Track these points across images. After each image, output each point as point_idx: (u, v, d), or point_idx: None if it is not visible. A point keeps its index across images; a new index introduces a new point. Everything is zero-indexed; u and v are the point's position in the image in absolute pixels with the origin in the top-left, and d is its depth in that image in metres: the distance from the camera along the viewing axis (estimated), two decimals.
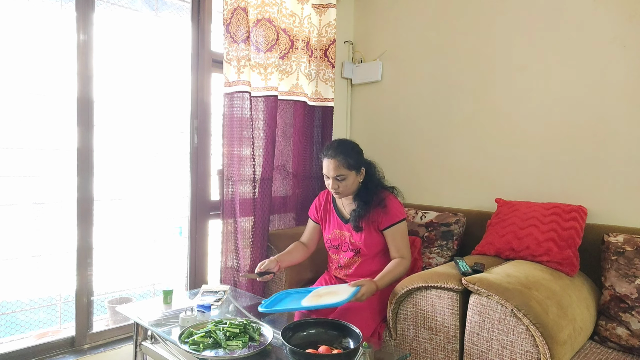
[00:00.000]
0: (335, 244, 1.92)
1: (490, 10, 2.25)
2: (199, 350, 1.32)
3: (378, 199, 1.82)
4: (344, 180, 1.78)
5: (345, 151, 1.78)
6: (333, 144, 1.83)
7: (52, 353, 1.85)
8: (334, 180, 1.78)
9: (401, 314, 1.63)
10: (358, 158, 1.82)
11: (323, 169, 1.82)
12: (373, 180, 1.87)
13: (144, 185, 2.47)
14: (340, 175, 1.77)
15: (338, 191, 1.81)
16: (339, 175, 1.77)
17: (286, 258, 1.89)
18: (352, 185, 1.81)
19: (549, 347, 1.27)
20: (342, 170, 1.76)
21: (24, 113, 2.09)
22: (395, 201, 1.85)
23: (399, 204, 1.86)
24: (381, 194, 1.84)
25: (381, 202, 1.81)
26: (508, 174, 2.19)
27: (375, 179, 1.89)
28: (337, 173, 1.76)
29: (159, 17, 2.34)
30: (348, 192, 1.82)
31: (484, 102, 2.28)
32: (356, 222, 1.83)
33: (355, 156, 1.81)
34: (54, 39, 2.07)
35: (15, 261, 2.10)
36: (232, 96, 2.12)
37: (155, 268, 2.42)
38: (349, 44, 2.89)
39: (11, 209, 2.05)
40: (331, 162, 1.77)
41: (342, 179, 1.77)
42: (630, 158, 1.83)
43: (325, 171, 1.80)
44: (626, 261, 1.62)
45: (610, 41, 1.88)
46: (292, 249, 1.95)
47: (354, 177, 1.80)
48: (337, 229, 1.92)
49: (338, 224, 1.92)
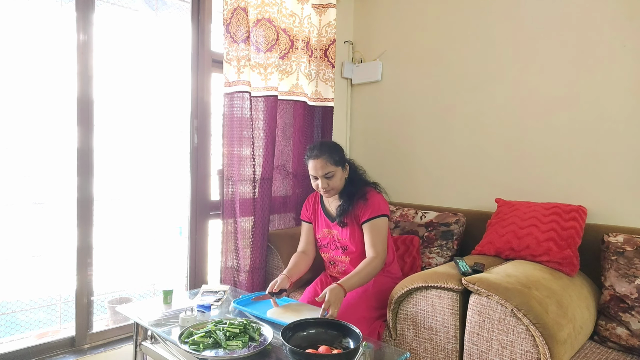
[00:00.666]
0: (324, 243, 1.95)
1: (490, 10, 2.25)
2: (199, 350, 1.32)
3: (361, 193, 1.85)
4: (333, 178, 1.81)
5: (329, 149, 1.82)
6: (316, 145, 1.86)
7: (52, 353, 1.85)
8: (323, 179, 1.81)
9: (401, 314, 1.63)
10: (341, 154, 1.87)
11: (310, 170, 1.84)
12: (356, 175, 1.91)
13: (144, 185, 2.47)
14: (328, 172, 1.80)
15: (327, 189, 1.83)
16: (327, 173, 1.80)
17: (295, 272, 1.88)
18: (340, 181, 1.84)
19: (549, 347, 1.27)
20: (329, 168, 1.79)
21: (24, 113, 2.09)
22: (377, 196, 1.86)
23: (382, 200, 1.87)
24: (364, 189, 1.87)
25: (363, 196, 1.84)
26: (508, 174, 2.19)
27: (358, 175, 1.93)
28: (325, 171, 1.79)
29: (159, 17, 2.34)
30: (337, 189, 1.85)
31: (483, 102, 2.28)
32: (340, 217, 1.86)
33: (339, 152, 1.86)
34: (54, 39, 2.07)
35: (15, 261, 2.10)
36: (232, 96, 2.12)
37: (155, 268, 2.42)
38: (349, 44, 2.89)
39: (11, 209, 2.05)
40: (317, 161, 1.80)
41: (331, 176, 1.80)
42: (630, 158, 1.83)
43: (313, 172, 1.83)
44: (626, 261, 1.62)
45: (610, 41, 1.88)
46: (297, 261, 1.93)
47: (340, 173, 1.84)
48: (325, 228, 1.95)
49: (326, 223, 1.95)
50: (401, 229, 2.28)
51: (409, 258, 2.13)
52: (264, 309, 1.66)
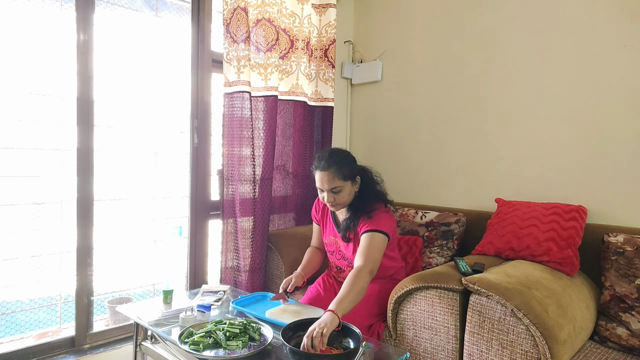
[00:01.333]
0: (331, 250, 1.91)
1: (491, 11, 2.25)
2: (199, 350, 1.32)
3: (369, 209, 1.72)
4: (340, 193, 1.69)
5: (338, 161, 1.68)
6: (324, 155, 1.72)
7: (52, 353, 1.85)
8: (329, 193, 1.69)
9: (401, 314, 1.63)
10: (352, 167, 1.73)
11: (316, 182, 1.72)
12: (368, 188, 1.78)
13: (144, 185, 2.47)
14: (335, 187, 1.67)
15: (334, 204, 1.72)
16: (334, 187, 1.67)
17: (309, 268, 1.85)
18: (348, 196, 1.72)
19: (549, 347, 1.27)
20: (337, 182, 1.67)
21: (24, 113, 2.08)
22: (384, 215, 1.72)
23: (388, 219, 1.72)
24: (374, 206, 1.74)
25: (369, 213, 1.71)
26: (508, 174, 2.19)
27: (371, 187, 1.79)
28: (332, 185, 1.67)
29: (159, 17, 2.33)
30: (345, 203, 1.74)
31: (484, 102, 2.28)
32: (345, 232, 1.76)
33: (349, 165, 1.72)
34: (54, 39, 2.07)
35: (15, 261, 2.10)
36: (232, 96, 2.12)
37: (155, 268, 2.42)
38: (349, 44, 2.89)
39: (11, 209, 2.05)
40: (325, 174, 1.67)
41: (338, 191, 1.68)
42: (630, 158, 1.83)
43: (319, 184, 1.70)
44: (626, 261, 1.61)
45: (610, 41, 1.87)
46: (311, 257, 1.90)
47: (349, 187, 1.71)
48: (332, 236, 1.89)
49: (333, 231, 1.87)
50: (401, 229, 2.28)
51: (411, 259, 2.13)
52: (263, 309, 1.66)
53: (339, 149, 1.83)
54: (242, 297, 1.78)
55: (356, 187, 1.76)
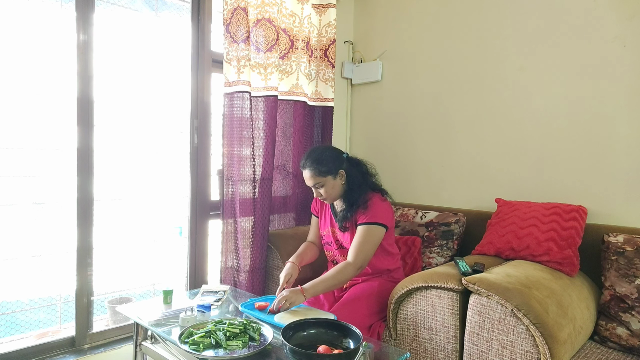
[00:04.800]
0: (327, 241, 1.96)
1: (491, 10, 2.25)
2: (199, 350, 1.32)
3: (364, 200, 1.80)
4: (323, 187, 1.80)
5: (315, 159, 1.79)
6: (305, 154, 1.86)
7: (52, 353, 1.85)
8: (314, 188, 1.83)
9: (401, 314, 1.63)
10: (331, 162, 1.80)
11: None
12: (356, 181, 1.83)
13: (144, 185, 2.47)
14: (316, 183, 1.80)
15: (323, 197, 1.84)
16: (315, 183, 1.80)
17: (303, 257, 1.91)
18: (334, 189, 1.82)
19: (549, 347, 1.27)
20: (316, 179, 1.79)
21: (24, 113, 2.09)
22: (380, 204, 1.80)
23: (384, 208, 1.80)
24: (367, 195, 1.81)
25: (365, 203, 1.79)
26: (508, 174, 2.19)
27: (358, 180, 1.84)
28: (313, 182, 1.80)
29: (159, 17, 2.34)
30: (333, 196, 1.84)
31: (484, 102, 2.28)
32: (342, 222, 1.85)
33: (327, 163, 1.79)
34: (54, 39, 2.07)
35: (15, 261, 2.10)
36: (232, 96, 2.12)
37: (155, 268, 2.42)
38: (349, 44, 2.89)
39: (11, 209, 2.05)
40: (305, 172, 1.82)
41: (321, 186, 1.80)
42: (630, 158, 1.83)
43: (306, 182, 1.85)
44: (626, 261, 1.61)
45: (610, 41, 1.87)
46: (305, 249, 1.97)
47: (331, 181, 1.80)
48: (330, 226, 1.95)
49: (331, 222, 1.95)
50: (401, 229, 2.28)
51: (410, 259, 2.13)
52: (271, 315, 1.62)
53: (319, 146, 1.96)
54: (252, 299, 1.73)
55: (341, 180, 1.83)
